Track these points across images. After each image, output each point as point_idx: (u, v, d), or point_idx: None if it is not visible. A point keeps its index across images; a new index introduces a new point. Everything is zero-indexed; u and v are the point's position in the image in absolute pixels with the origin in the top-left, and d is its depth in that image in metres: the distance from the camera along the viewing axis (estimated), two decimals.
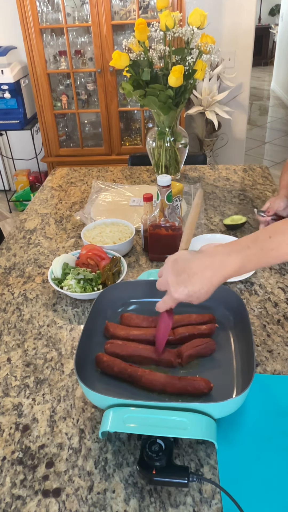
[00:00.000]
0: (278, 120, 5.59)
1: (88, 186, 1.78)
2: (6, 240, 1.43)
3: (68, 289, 1.08)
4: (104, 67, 2.76)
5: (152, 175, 1.84)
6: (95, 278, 1.10)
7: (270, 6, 8.17)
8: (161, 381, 0.79)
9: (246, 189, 1.67)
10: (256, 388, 0.83)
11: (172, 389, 0.78)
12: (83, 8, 2.76)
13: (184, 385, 0.78)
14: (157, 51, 1.47)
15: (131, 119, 3.17)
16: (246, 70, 3.17)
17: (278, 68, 6.82)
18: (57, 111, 2.99)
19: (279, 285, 1.13)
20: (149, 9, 2.73)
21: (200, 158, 2.05)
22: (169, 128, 1.58)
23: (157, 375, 0.80)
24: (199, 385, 0.77)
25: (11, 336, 1.01)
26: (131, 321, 0.93)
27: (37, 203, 1.68)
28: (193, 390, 0.77)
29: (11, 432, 0.79)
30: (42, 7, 2.72)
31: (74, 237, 1.41)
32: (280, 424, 0.77)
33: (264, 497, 0.66)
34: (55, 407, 0.83)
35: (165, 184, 1.10)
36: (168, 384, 0.78)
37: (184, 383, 0.78)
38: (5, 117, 3.09)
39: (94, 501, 0.67)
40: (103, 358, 0.83)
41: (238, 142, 3.44)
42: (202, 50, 1.47)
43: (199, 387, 0.77)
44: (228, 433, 0.75)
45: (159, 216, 1.17)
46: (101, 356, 0.83)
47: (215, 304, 0.97)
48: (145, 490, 0.68)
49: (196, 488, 0.68)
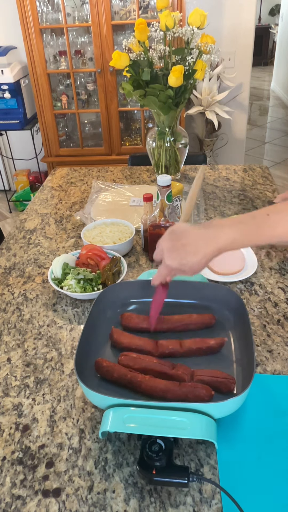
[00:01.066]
0: (278, 120, 5.59)
1: (88, 186, 1.78)
2: (6, 240, 1.43)
3: (68, 289, 1.08)
4: (104, 67, 2.76)
5: (152, 175, 1.84)
6: (95, 278, 1.10)
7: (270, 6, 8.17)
8: (161, 388, 0.77)
9: (246, 189, 1.67)
10: (256, 388, 0.83)
11: (172, 396, 0.76)
12: (83, 8, 2.76)
13: (185, 392, 0.76)
14: (157, 51, 1.47)
15: (131, 119, 3.17)
16: (246, 70, 3.17)
17: (278, 68, 6.82)
18: (57, 111, 2.99)
19: (279, 285, 1.13)
20: (149, 9, 2.73)
21: (200, 158, 2.05)
22: (169, 128, 1.58)
23: (157, 381, 0.78)
24: (200, 393, 0.75)
25: (11, 336, 1.01)
26: (131, 321, 0.93)
27: (37, 203, 1.68)
28: (193, 397, 0.75)
29: (11, 432, 0.79)
30: (42, 7, 2.72)
31: (74, 237, 1.41)
32: (280, 424, 0.77)
33: (264, 497, 0.66)
34: (55, 407, 0.83)
35: (165, 184, 1.10)
36: (168, 391, 0.77)
37: (184, 390, 0.76)
38: (5, 117, 3.08)
39: (94, 501, 0.67)
40: (103, 364, 0.82)
41: (238, 142, 3.44)
42: (202, 50, 1.47)
43: (199, 395, 0.75)
44: (228, 433, 0.75)
45: (159, 216, 1.17)
46: (100, 362, 0.82)
47: (215, 304, 0.97)
48: (145, 490, 0.68)
49: (196, 488, 0.68)
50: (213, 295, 0.97)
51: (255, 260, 1.19)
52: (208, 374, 0.79)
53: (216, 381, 0.78)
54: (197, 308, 0.94)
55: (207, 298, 0.98)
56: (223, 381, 0.78)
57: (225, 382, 0.78)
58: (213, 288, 0.98)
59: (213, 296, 0.97)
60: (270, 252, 1.26)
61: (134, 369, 0.81)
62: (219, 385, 0.78)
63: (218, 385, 0.78)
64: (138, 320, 0.93)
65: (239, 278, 1.13)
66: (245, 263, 1.18)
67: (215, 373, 0.79)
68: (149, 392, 0.78)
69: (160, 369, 0.81)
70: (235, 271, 1.15)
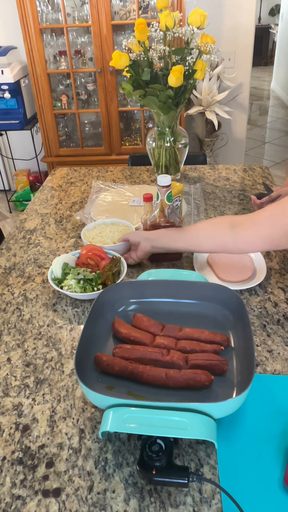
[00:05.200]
0: (278, 120, 5.59)
1: (88, 186, 1.78)
2: (6, 240, 1.43)
3: (68, 289, 1.08)
4: (104, 67, 2.76)
5: (152, 175, 1.84)
6: (95, 278, 1.10)
7: (270, 6, 8.17)
8: (162, 376, 0.80)
9: (246, 189, 1.67)
10: (256, 388, 0.83)
11: (174, 383, 0.79)
12: (83, 8, 2.76)
13: (186, 379, 0.79)
14: (157, 51, 1.47)
15: (131, 119, 3.17)
16: (246, 70, 3.17)
17: (278, 68, 6.82)
18: (57, 111, 2.99)
19: (279, 285, 1.13)
20: (149, 9, 2.73)
21: (200, 158, 2.05)
22: (169, 128, 1.58)
23: (159, 370, 0.81)
24: (201, 378, 0.78)
25: (11, 336, 1.01)
26: (141, 323, 0.93)
27: (37, 203, 1.68)
28: (194, 383, 0.79)
29: (11, 432, 0.79)
30: (42, 7, 2.72)
31: (74, 237, 1.41)
32: (280, 424, 0.77)
33: (264, 497, 0.66)
34: (55, 407, 0.83)
35: (165, 184, 1.10)
36: (170, 379, 0.79)
37: (185, 377, 0.79)
38: (5, 117, 3.09)
39: (94, 501, 0.67)
40: (103, 358, 0.83)
41: (238, 142, 3.45)
42: (202, 50, 1.47)
43: (200, 380, 0.78)
44: (228, 433, 0.75)
45: (159, 216, 1.17)
46: (100, 356, 0.83)
47: (215, 304, 0.97)
48: (145, 490, 0.68)
49: (196, 488, 0.68)
50: (213, 295, 0.97)
51: (264, 266, 1.15)
52: (202, 357, 0.83)
53: (210, 363, 0.82)
54: (212, 326, 0.93)
55: (207, 298, 0.98)
56: (217, 363, 0.82)
57: (218, 364, 0.82)
58: (213, 288, 0.98)
59: (213, 296, 0.97)
60: (270, 252, 1.26)
61: (130, 359, 0.84)
62: (213, 368, 0.82)
63: (212, 368, 0.82)
64: (148, 324, 0.93)
65: (246, 287, 1.08)
66: (253, 270, 1.14)
67: (209, 356, 0.83)
68: (151, 381, 0.80)
69: (155, 357, 0.84)
70: (242, 279, 1.11)
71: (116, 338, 0.92)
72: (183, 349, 0.86)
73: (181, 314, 0.97)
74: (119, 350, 0.86)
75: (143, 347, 0.86)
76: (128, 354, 0.85)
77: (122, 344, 0.88)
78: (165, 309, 0.98)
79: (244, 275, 1.12)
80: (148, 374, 0.80)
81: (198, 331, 0.90)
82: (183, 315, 0.97)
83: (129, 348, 0.86)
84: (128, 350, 0.85)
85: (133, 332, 0.90)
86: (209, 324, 0.93)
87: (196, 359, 0.83)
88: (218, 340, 0.88)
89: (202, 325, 0.92)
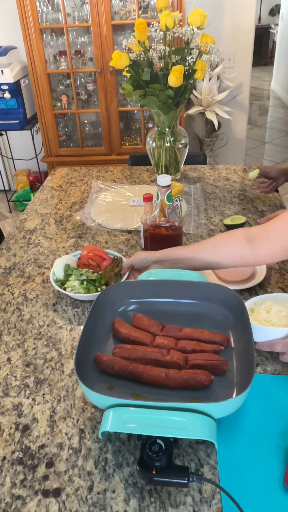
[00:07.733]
0: (278, 120, 5.59)
1: (88, 186, 1.78)
2: (6, 240, 1.43)
3: (71, 290, 1.08)
4: (104, 67, 2.76)
5: (152, 175, 1.84)
6: (98, 279, 1.10)
7: (270, 6, 8.16)
8: (162, 376, 0.80)
9: (246, 189, 1.67)
10: (256, 388, 0.83)
11: (174, 383, 0.79)
12: (83, 8, 2.76)
13: (186, 379, 0.79)
14: (157, 51, 1.47)
15: (131, 119, 3.17)
16: (246, 70, 3.17)
17: (278, 68, 6.82)
18: (57, 111, 2.99)
19: (279, 285, 1.13)
20: (149, 9, 2.73)
21: (200, 158, 2.05)
22: (169, 128, 1.58)
23: (159, 370, 0.81)
24: (201, 378, 0.78)
25: (11, 336, 1.01)
26: (141, 323, 0.93)
27: (37, 203, 1.68)
28: (194, 383, 0.79)
29: (11, 432, 0.79)
30: (42, 7, 2.72)
31: (74, 237, 1.41)
32: (280, 424, 0.77)
33: (264, 497, 0.66)
34: (55, 407, 0.83)
35: (165, 184, 1.10)
36: (170, 379, 0.79)
37: (185, 377, 0.79)
38: (5, 117, 3.09)
39: (94, 501, 0.67)
40: (103, 358, 0.83)
41: (238, 142, 3.44)
42: (202, 50, 1.47)
43: (200, 380, 0.78)
44: (228, 433, 0.75)
45: (159, 216, 1.17)
46: (100, 356, 0.83)
47: (215, 304, 0.97)
48: (145, 490, 0.68)
49: (196, 488, 0.68)
50: (213, 295, 0.97)
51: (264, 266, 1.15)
52: (201, 357, 0.83)
53: (210, 363, 0.82)
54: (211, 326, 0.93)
55: (207, 298, 0.98)
56: (217, 363, 0.82)
57: (218, 364, 0.82)
58: (213, 288, 0.98)
59: (213, 296, 0.97)
60: None
61: (130, 359, 0.84)
62: (213, 368, 0.82)
63: (212, 368, 0.81)
64: (148, 324, 0.93)
65: (246, 287, 1.09)
66: (253, 270, 1.14)
67: (209, 356, 0.83)
68: (151, 381, 0.80)
69: (155, 357, 0.84)
70: (242, 279, 1.12)
71: (116, 338, 0.92)
72: (183, 349, 0.86)
73: (181, 314, 0.97)
74: (119, 350, 0.86)
75: (143, 347, 0.86)
76: (128, 354, 0.85)
77: (122, 344, 0.88)
78: (165, 309, 0.98)
79: (244, 275, 1.12)
80: (148, 374, 0.80)
81: (198, 331, 0.90)
82: (183, 315, 0.97)
83: (129, 348, 0.86)
84: (128, 350, 0.85)
85: (133, 332, 0.90)
86: (209, 324, 0.93)
87: (196, 359, 0.83)
88: (218, 340, 0.88)
89: (202, 325, 0.92)
